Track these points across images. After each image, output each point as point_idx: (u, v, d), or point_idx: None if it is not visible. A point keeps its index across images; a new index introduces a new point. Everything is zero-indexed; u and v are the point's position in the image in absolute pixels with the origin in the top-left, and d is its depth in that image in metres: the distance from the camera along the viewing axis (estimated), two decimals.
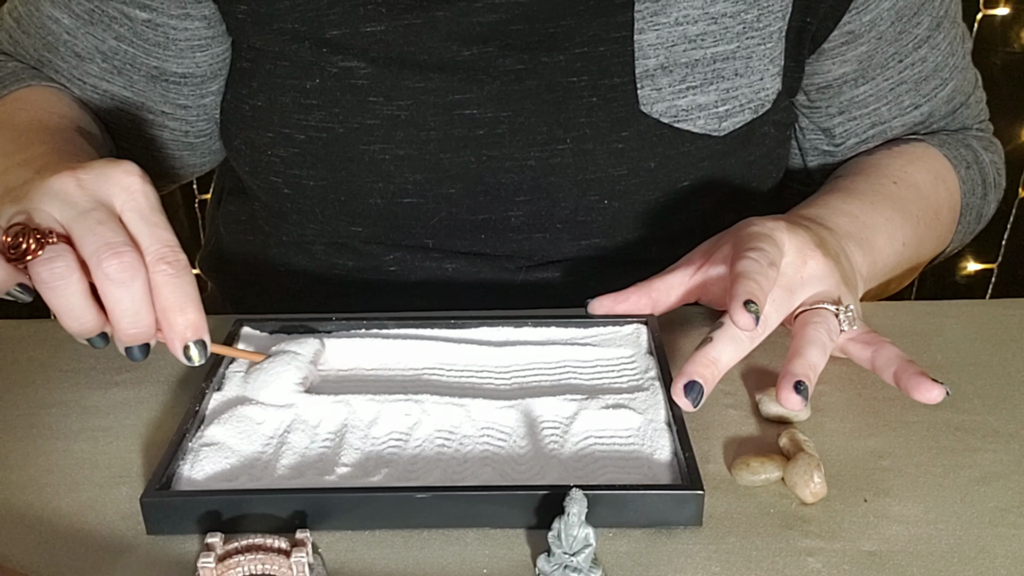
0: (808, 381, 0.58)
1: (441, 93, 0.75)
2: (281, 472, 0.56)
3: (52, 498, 0.57)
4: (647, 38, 0.74)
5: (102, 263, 0.53)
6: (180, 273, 0.55)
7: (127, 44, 0.78)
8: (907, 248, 0.77)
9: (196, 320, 0.56)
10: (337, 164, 0.77)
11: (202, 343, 0.56)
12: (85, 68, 0.80)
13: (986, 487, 0.57)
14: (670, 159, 0.77)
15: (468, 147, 0.76)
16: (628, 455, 0.57)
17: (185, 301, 0.55)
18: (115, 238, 0.54)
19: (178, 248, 0.56)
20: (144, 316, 0.55)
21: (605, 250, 0.81)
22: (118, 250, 0.54)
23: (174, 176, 0.88)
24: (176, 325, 0.56)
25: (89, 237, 0.54)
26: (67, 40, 0.79)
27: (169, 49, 0.78)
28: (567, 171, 0.77)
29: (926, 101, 0.84)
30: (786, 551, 0.52)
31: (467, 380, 0.64)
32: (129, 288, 0.54)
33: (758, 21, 0.75)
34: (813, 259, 0.64)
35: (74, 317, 0.55)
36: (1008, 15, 1.56)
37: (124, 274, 0.54)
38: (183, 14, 0.77)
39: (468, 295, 0.82)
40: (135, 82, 0.80)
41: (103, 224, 0.55)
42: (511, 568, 0.51)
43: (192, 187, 1.61)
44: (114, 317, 0.55)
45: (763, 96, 0.78)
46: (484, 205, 0.78)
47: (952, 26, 0.83)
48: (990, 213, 0.90)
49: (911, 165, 0.81)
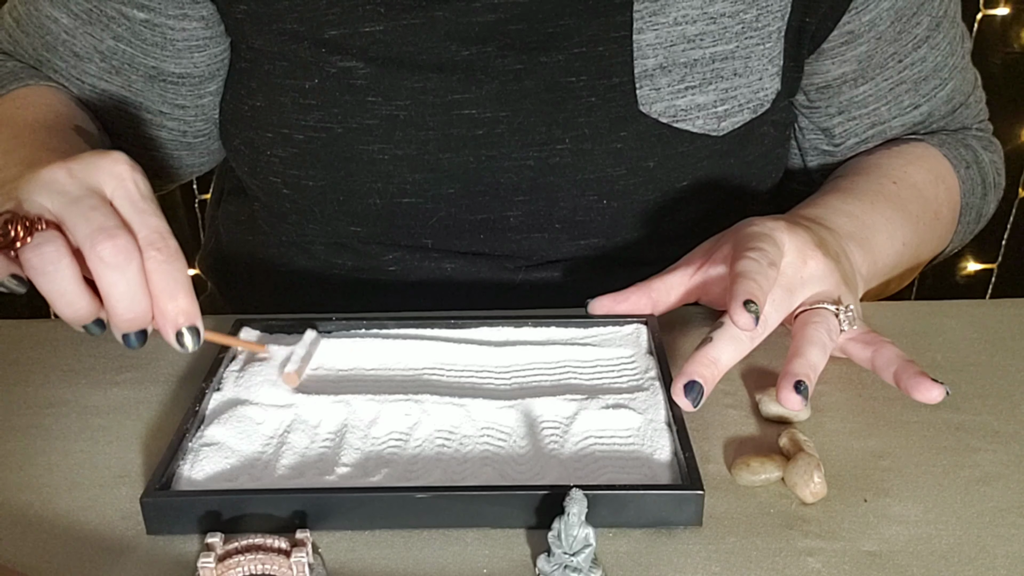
0: (808, 381, 0.58)
1: (440, 93, 0.75)
2: (281, 472, 0.56)
3: (52, 498, 0.57)
4: (646, 38, 0.74)
5: (96, 247, 0.53)
6: (170, 259, 0.55)
7: (125, 44, 0.78)
8: (907, 248, 0.77)
9: (187, 306, 0.55)
10: (336, 164, 0.77)
11: (195, 329, 0.56)
12: (83, 68, 0.80)
13: (986, 487, 0.57)
14: (669, 159, 0.77)
15: (467, 147, 0.76)
16: (628, 455, 0.57)
17: (176, 287, 0.55)
18: (108, 222, 0.54)
19: (168, 234, 0.56)
20: (140, 300, 0.54)
21: (604, 250, 0.81)
22: (111, 233, 0.53)
23: (173, 176, 0.88)
24: (168, 311, 0.55)
25: (82, 222, 0.54)
26: (65, 40, 0.79)
27: (167, 49, 0.78)
28: (566, 171, 0.77)
29: (925, 101, 0.84)
30: (786, 551, 0.52)
31: (467, 380, 0.64)
32: (124, 271, 0.54)
33: (757, 21, 0.75)
34: (813, 259, 0.64)
35: (67, 303, 0.54)
36: (1008, 15, 1.56)
37: (119, 257, 0.53)
38: (181, 14, 0.77)
39: (467, 295, 0.82)
40: (133, 82, 0.80)
41: (95, 210, 0.54)
42: (511, 568, 0.51)
43: (192, 187, 1.61)
44: (110, 302, 0.54)
45: (762, 96, 0.78)
46: (483, 205, 0.78)
47: (952, 26, 0.83)
48: (990, 213, 0.90)
49: (911, 165, 0.81)
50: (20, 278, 0.55)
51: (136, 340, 0.56)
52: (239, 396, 0.62)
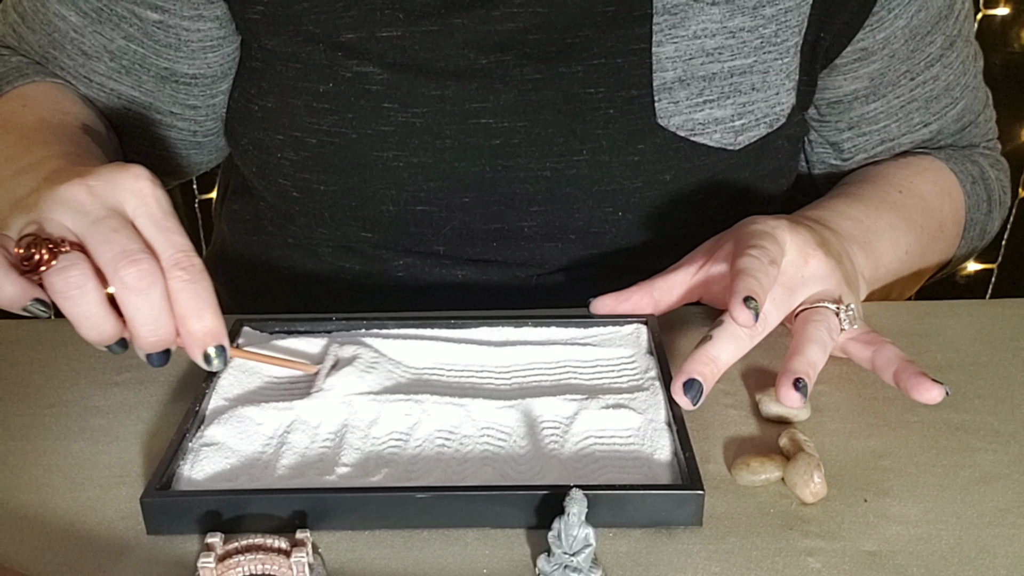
0: (807, 378, 0.58)
1: (457, 101, 0.74)
2: (281, 472, 0.56)
3: (52, 498, 0.57)
4: (665, 51, 0.74)
5: (119, 271, 0.53)
6: (196, 279, 0.55)
7: (136, 44, 0.77)
8: (910, 256, 0.77)
9: (214, 326, 0.55)
10: (349, 170, 0.76)
11: (221, 348, 0.56)
12: (92, 66, 0.79)
13: (986, 487, 0.57)
14: (685, 172, 0.77)
15: (483, 156, 0.76)
16: (628, 455, 0.57)
17: (202, 307, 0.55)
18: (131, 245, 0.53)
19: (193, 253, 0.56)
20: (164, 323, 0.54)
21: (616, 260, 0.81)
22: (135, 257, 0.53)
23: (179, 174, 0.88)
24: (195, 332, 0.55)
25: (104, 245, 0.53)
26: (74, 38, 0.78)
27: (181, 50, 0.77)
28: (582, 182, 0.76)
29: (936, 119, 0.84)
30: (786, 551, 0.52)
31: (467, 380, 0.64)
32: (148, 296, 0.53)
33: (776, 36, 0.75)
34: (814, 258, 0.64)
35: (92, 326, 0.54)
36: (1008, 15, 1.56)
37: (142, 282, 0.53)
38: (196, 15, 0.76)
39: (476, 301, 0.81)
40: (144, 82, 0.79)
41: (118, 232, 0.54)
42: (511, 568, 0.51)
43: (192, 187, 1.60)
44: (134, 325, 0.54)
45: (778, 111, 0.78)
46: (498, 214, 0.78)
47: (965, 45, 0.83)
48: (994, 230, 0.90)
49: (917, 176, 0.81)
50: (44, 302, 0.54)
51: (159, 359, 0.56)
52: (239, 396, 0.62)
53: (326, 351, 0.66)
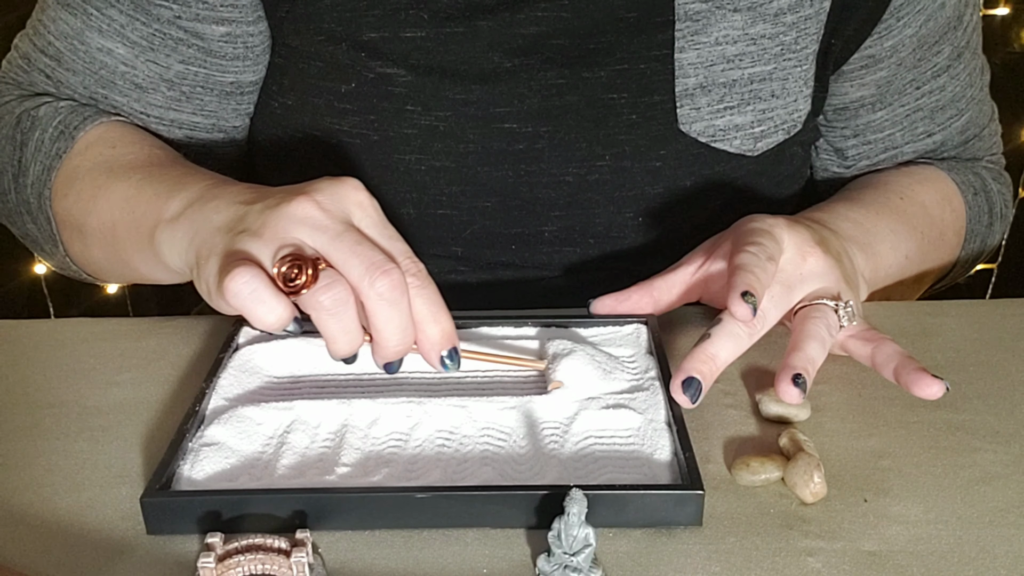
0: (806, 374, 0.58)
1: (481, 105, 0.74)
2: (281, 472, 0.56)
3: (52, 498, 0.57)
4: (687, 57, 0.74)
5: (375, 284, 0.52)
6: (425, 283, 0.55)
7: (197, 66, 0.75)
8: (910, 261, 0.77)
9: (449, 329, 0.55)
10: (369, 172, 0.75)
11: (455, 350, 0.56)
12: (148, 99, 0.75)
13: (986, 487, 0.57)
14: (705, 178, 0.77)
15: (506, 161, 0.75)
16: (628, 455, 0.57)
17: (437, 311, 0.55)
18: (377, 256, 0.53)
19: (416, 258, 0.56)
20: (410, 331, 0.54)
21: (632, 263, 0.80)
22: (385, 268, 0.53)
23: None
24: (433, 337, 0.55)
25: (353, 259, 0.53)
26: (124, 72, 0.74)
27: (247, 59, 0.75)
28: (604, 188, 0.76)
29: (940, 130, 0.84)
30: (786, 551, 0.52)
31: (467, 380, 0.64)
32: (400, 305, 0.53)
33: (795, 43, 0.75)
34: (813, 256, 0.64)
35: (349, 340, 0.54)
36: (1008, 15, 1.56)
37: (396, 292, 0.53)
38: (257, 17, 0.74)
39: (489, 301, 0.80)
40: (206, 104, 0.77)
41: (361, 244, 0.54)
42: (511, 568, 0.51)
43: None
44: (383, 335, 0.54)
45: (796, 117, 0.78)
46: (518, 219, 0.78)
47: (973, 57, 0.83)
48: (994, 243, 0.90)
49: (919, 185, 0.81)
50: (297, 319, 0.54)
51: (397, 367, 0.56)
52: (239, 396, 0.62)
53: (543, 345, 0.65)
